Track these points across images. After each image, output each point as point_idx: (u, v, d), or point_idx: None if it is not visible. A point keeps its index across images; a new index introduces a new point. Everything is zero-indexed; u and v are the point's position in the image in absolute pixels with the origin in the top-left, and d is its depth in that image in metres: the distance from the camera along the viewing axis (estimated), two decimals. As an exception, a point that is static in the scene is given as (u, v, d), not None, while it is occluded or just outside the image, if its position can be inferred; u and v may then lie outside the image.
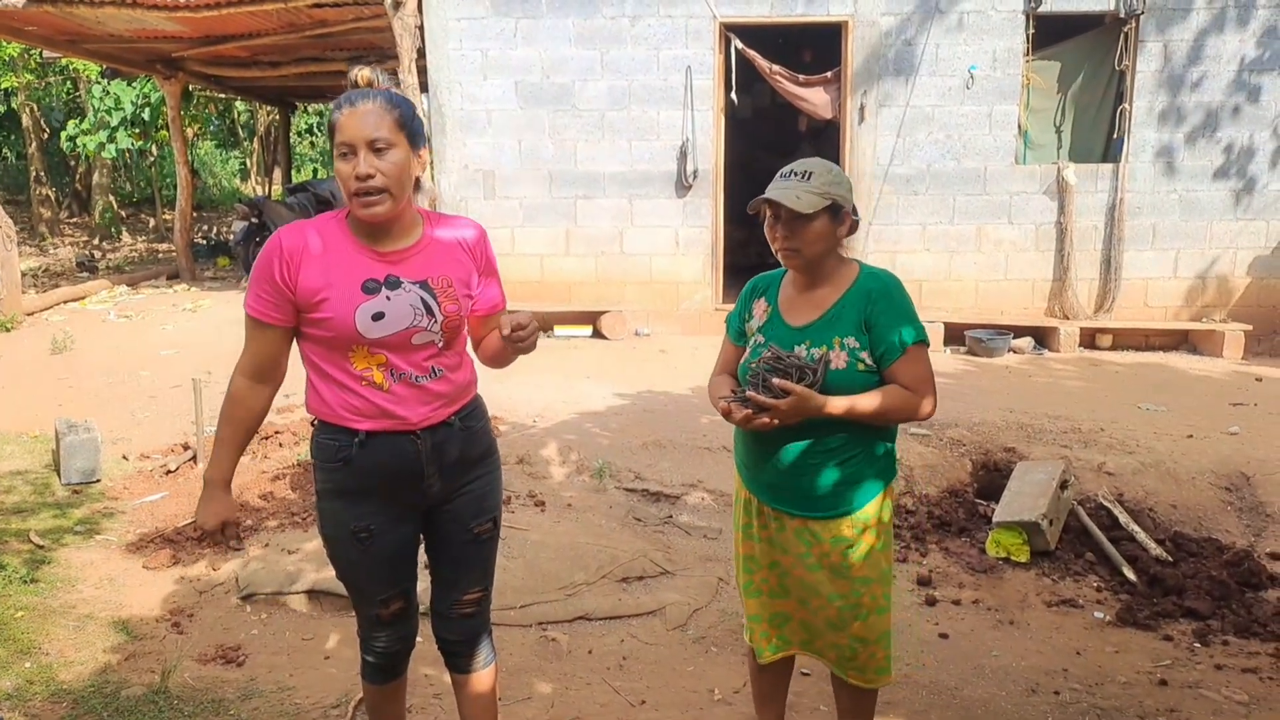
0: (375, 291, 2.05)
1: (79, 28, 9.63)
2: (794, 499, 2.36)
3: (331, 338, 2.07)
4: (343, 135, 1.98)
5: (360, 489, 2.15)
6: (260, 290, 2.08)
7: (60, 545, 4.36)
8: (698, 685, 3.32)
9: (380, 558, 2.21)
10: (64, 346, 7.89)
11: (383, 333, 2.05)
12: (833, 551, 2.34)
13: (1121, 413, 5.98)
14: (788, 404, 2.20)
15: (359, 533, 2.16)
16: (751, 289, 2.54)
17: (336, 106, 2.02)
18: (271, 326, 2.11)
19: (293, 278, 2.05)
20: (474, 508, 2.28)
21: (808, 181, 2.29)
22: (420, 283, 2.09)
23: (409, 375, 2.11)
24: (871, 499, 2.35)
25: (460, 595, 2.34)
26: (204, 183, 22.31)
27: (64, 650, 3.40)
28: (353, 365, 2.09)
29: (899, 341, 2.27)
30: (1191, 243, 8.30)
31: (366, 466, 2.12)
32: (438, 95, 8.35)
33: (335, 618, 3.76)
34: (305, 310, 2.07)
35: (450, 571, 2.33)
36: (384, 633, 2.33)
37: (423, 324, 2.09)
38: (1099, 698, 3.23)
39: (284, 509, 4.57)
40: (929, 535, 4.55)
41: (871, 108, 8.20)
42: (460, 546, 2.30)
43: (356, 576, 2.26)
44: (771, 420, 2.23)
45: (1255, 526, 4.70)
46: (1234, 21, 7.97)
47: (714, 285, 8.54)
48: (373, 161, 1.97)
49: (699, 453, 5.22)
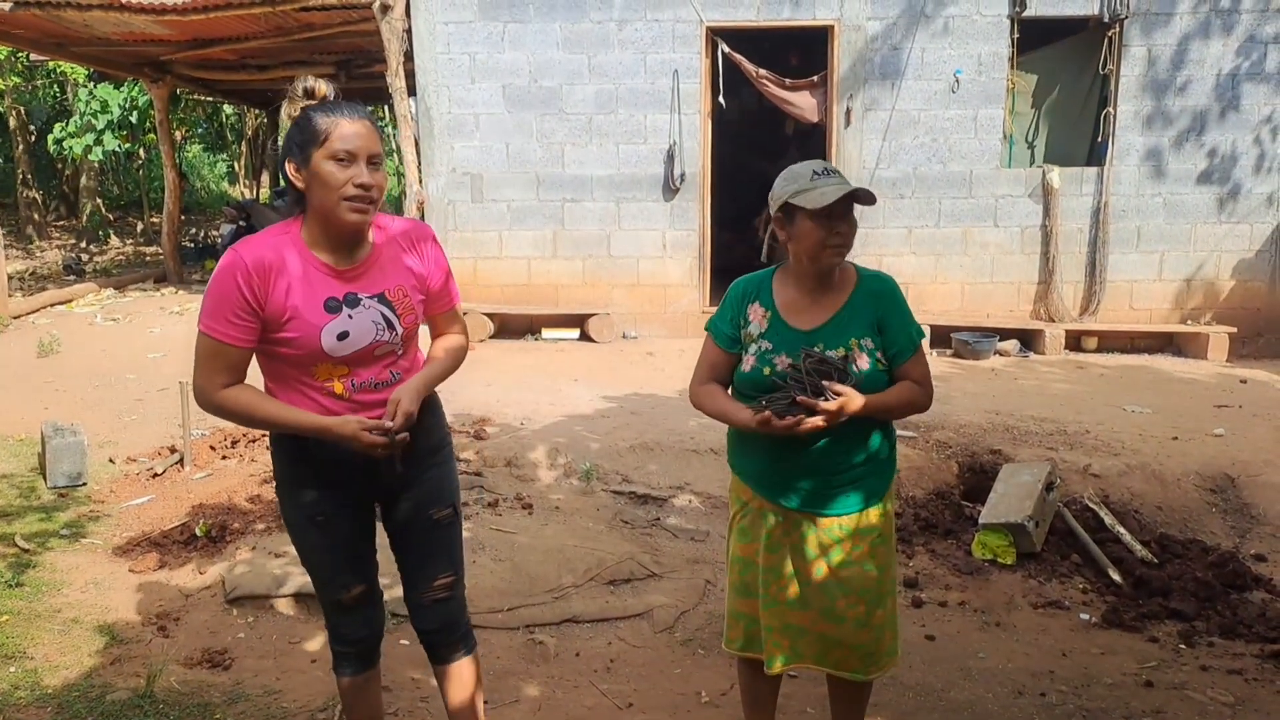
0: (337, 310, 2.09)
1: (66, 31, 9.58)
2: (829, 499, 2.38)
3: (297, 355, 2.10)
4: (345, 144, 2.03)
5: (316, 479, 2.23)
6: (224, 313, 2.04)
7: (46, 549, 4.34)
8: (685, 687, 3.32)
9: (338, 540, 2.28)
10: (51, 349, 7.84)
11: (347, 351, 2.12)
12: (864, 542, 2.40)
13: (1107, 415, 6.01)
14: (839, 405, 2.22)
15: (315, 516, 2.24)
16: (742, 294, 2.48)
17: (326, 111, 2.06)
18: (239, 349, 2.08)
19: (262, 296, 2.05)
20: (433, 496, 2.34)
21: (843, 177, 2.34)
22: (378, 296, 2.15)
23: (369, 383, 2.18)
24: (885, 492, 2.44)
25: (431, 582, 2.38)
26: (191, 186, 22.22)
27: (49, 654, 3.39)
28: (315, 378, 2.14)
29: (910, 341, 2.38)
30: (1176, 245, 8.36)
31: (322, 460, 2.19)
32: (425, 99, 8.35)
33: (322, 621, 3.74)
34: (271, 329, 2.08)
35: (417, 560, 2.39)
36: (348, 619, 2.37)
37: (384, 338, 2.16)
38: (1085, 699, 3.25)
39: (271, 512, 4.55)
40: (916, 537, 4.56)
41: (858, 111, 8.24)
42: (423, 534, 2.36)
43: (318, 561, 2.32)
44: (820, 424, 2.23)
45: (1240, 528, 4.73)
46: (1217, 27, 8.04)
47: (701, 288, 8.56)
48: (371, 174, 2.06)
49: (686, 455, 5.22)
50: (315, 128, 2.05)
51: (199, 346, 2.10)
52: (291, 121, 2.10)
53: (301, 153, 2.05)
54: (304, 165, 2.06)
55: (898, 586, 2.56)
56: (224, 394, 2.12)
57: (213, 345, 2.08)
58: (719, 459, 5.20)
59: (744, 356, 2.43)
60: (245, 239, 2.12)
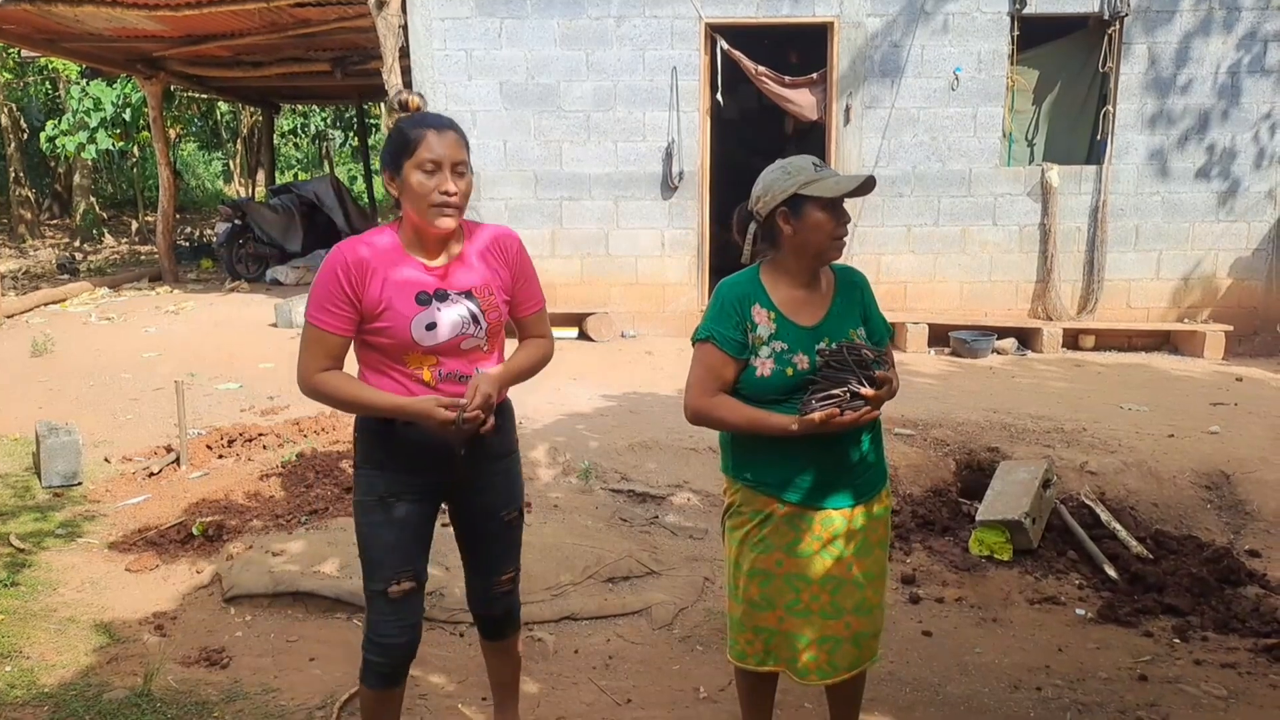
0: (427, 304, 2.27)
1: (58, 26, 9.55)
2: (859, 488, 2.40)
3: (390, 344, 2.28)
4: (431, 153, 2.21)
5: (394, 463, 2.36)
6: (328, 305, 2.25)
7: (41, 548, 4.33)
8: (683, 684, 3.33)
9: (402, 526, 2.37)
10: (45, 349, 7.82)
11: (435, 341, 2.28)
12: (880, 524, 2.46)
13: (1104, 412, 6.03)
14: (889, 391, 2.28)
15: (386, 497, 2.35)
16: (739, 296, 2.37)
17: (414, 124, 2.24)
18: (338, 337, 2.28)
19: (359, 290, 2.25)
20: (503, 498, 2.53)
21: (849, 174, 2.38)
22: (465, 293, 2.32)
23: (455, 374, 2.33)
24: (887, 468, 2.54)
25: (498, 576, 2.58)
26: (187, 184, 22.20)
27: (45, 653, 3.38)
28: (406, 365, 2.31)
29: (887, 329, 2.55)
30: (1174, 244, 8.37)
31: (403, 446, 2.34)
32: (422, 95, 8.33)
33: (320, 620, 3.75)
34: (367, 320, 2.27)
35: (486, 557, 2.57)
36: (389, 617, 2.38)
37: (470, 331, 2.33)
38: (1080, 693, 3.26)
39: (269, 510, 4.55)
40: (913, 534, 4.57)
41: (857, 109, 8.24)
42: (493, 534, 2.54)
43: (376, 544, 2.37)
44: (876, 413, 2.30)
45: (1234, 524, 4.75)
46: (1218, 24, 8.04)
47: (700, 287, 8.55)
48: (455, 181, 2.23)
49: (685, 454, 5.22)
50: (404, 140, 2.23)
51: (304, 334, 2.30)
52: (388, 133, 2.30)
53: (394, 163, 2.25)
54: (396, 175, 2.25)
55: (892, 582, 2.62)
56: (320, 377, 2.29)
57: (315, 333, 2.27)
58: (716, 458, 5.20)
59: (756, 361, 2.34)
60: (350, 239, 2.32)
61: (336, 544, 4.14)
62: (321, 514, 4.48)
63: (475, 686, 3.21)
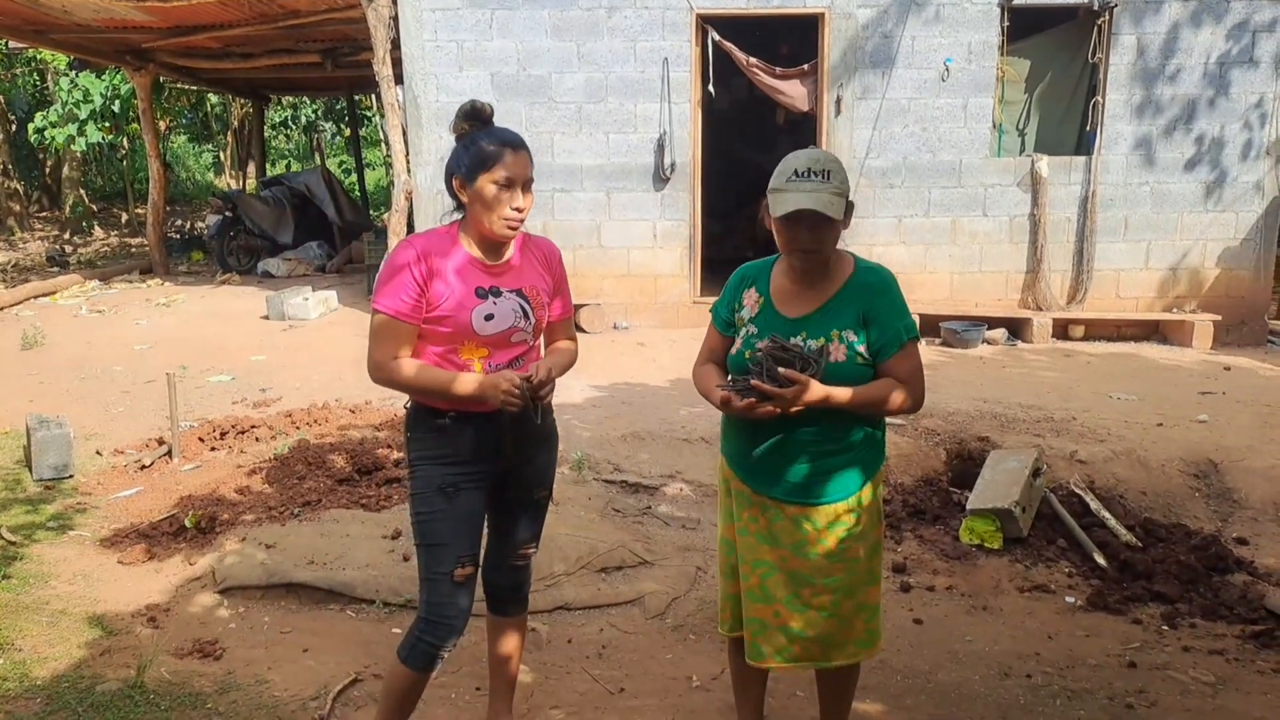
0: (484, 297, 2.44)
1: (45, 17, 9.48)
2: (799, 488, 2.38)
3: (449, 333, 2.43)
4: (509, 171, 2.38)
5: (449, 454, 2.49)
6: (400, 292, 2.38)
7: (32, 541, 4.32)
8: (676, 673, 3.35)
9: (461, 513, 2.50)
10: (35, 342, 7.80)
11: (492, 331, 2.44)
12: (828, 536, 2.38)
13: (1093, 402, 6.06)
14: (792, 393, 2.23)
15: (445, 487, 2.48)
16: (740, 278, 2.54)
17: (492, 139, 2.39)
18: (409, 325, 2.41)
19: (427, 279, 2.40)
20: (541, 477, 2.69)
21: (829, 182, 2.27)
22: (517, 291, 2.49)
23: (503, 366, 2.48)
24: (864, 484, 2.41)
25: (519, 549, 2.72)
26: (177, 176, 22.07)
27: (38, 646, 3.37)
28: (460, 355, 2.45)
29: (897, 337, 2.34)
30: (1162, 234, 8.41)
31: (456, 436, 2.47)
32: (413, 87, 8.31)
33: (314, 611, 3.75)
34: (430, 308, 2.41)
35: (511, 528, 2.70)
36: (452, 600, 2.51)
37: (520, 325, 2.49)
38: (1070, 680, 3.29)
39: (261, 503, 4.55)
40: (904, 523, 4.59)
41: (848, 100, 8.24)
42: (523, 508, 2.69)
43: (439, 531, 2.49)
44: (774, 409, 2.26)
45: (1222, 512, 4.79)
46: (1207, 14, 8.06)
47: (692, 278, 8.56)
48: (525, 198, 2.42)
49: (677, 444, 5.24)
50: (484, 154, 2.38)
51: (376, 325, 2.42)
52: (457, 136, 2.44)
53: (469, 173, 2.40)
54: (469, 183, 2.40)
55: (882, 576, 2.54)
56: (395, 364, 2.42)
57: (389, 322, 2.40)
58: (710, 448, 5.22)
59: (737, 339, 2.48)
60: (414, 236, 2.50)
61: (329, 535, 4.15)
62: (314, 505, 4.48)
63: (469, 677, 3.23)
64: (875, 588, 2.49)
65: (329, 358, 7.28)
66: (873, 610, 2.49)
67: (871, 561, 2.47)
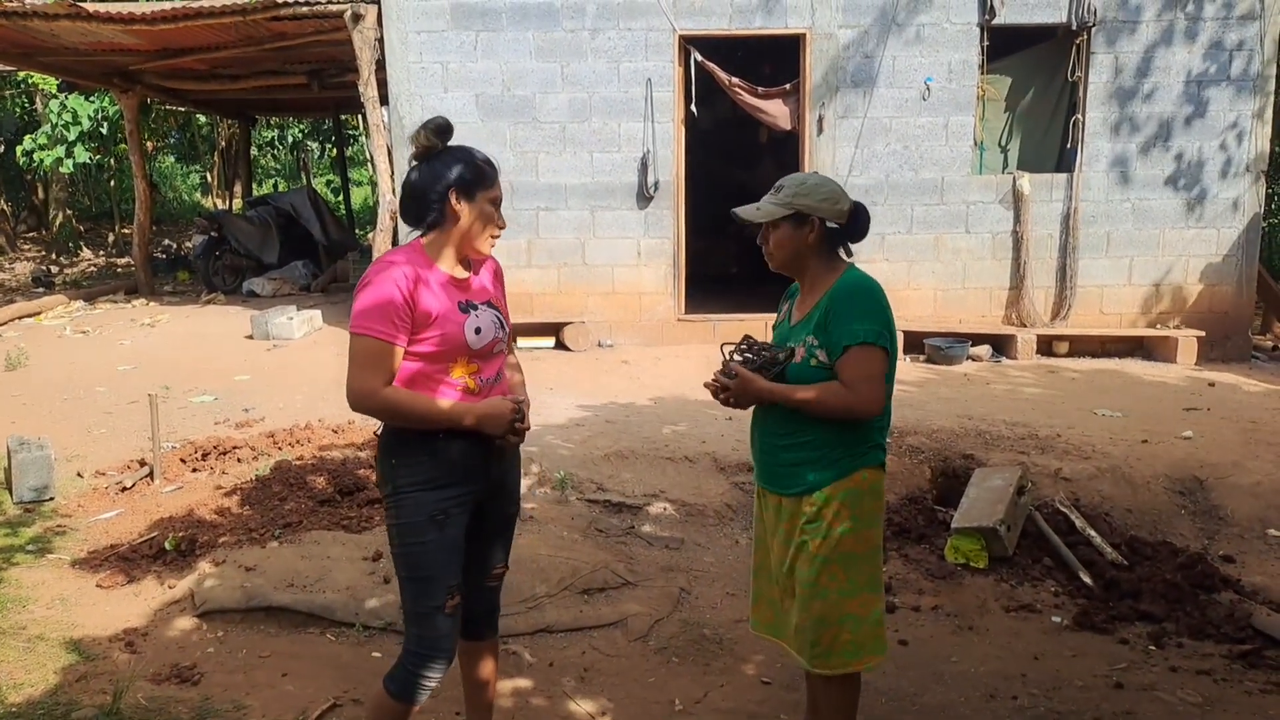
0: (467, 311, 2.42)
1: (33, 40, 9.47)
2: (771, 476, 2.60)
3: (440, 351, 2.37)
4: (499, 193, 2.48)
5: (441, 477, 2.41)
6: (389, 315, 2.30)
7: (11, 564, 4.27)
8: (659, 696, 3.32)
9: (450, 542, 2.44)
10: (18, 363, 7.74)
11: (481, 343, 2.43)
12: (795, 528, 2.53)
13: (1078, 419, 6.07)
14: (735, 385, 2.51)
15: (436, 515, 2.40)
16: (789, 292, 2.77)
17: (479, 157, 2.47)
18: (399, 348, 2.34)
19: (414, 300, 2.34)
20: (512, 494, 2.67)
21: (777, 194, 2.56)
22: (487, 303, 2.50)
23: (490, 379, 2.48)
24: (830, 482, 2.48)
25: (491, 570, 2.66)
26: (164, 197, 22.02)
27: (13, 672, 3.33)
28: (451, 375, 2.40)
29: (840, 340, 2.45)
30: (1145, 251, 8.46)
31: (447, 458, 2.40)
32: (398, 107, 8.32)
33: (293, 635, 3.71)
34: (416, 329, 2.35)
35: (486, 550, 2.64)
36: (445, 633, 2.45)
37: (500, 335, 2.50)
38: (1056, 702, 3.27)
39: (241, 524, 4.51)
40: (889, 542, 4.57)
41: (830, 119, 8.29)
42: (496, 529, 2.64)
43: (431, 563, 2.42)
44: (727, 398, 2.53)
45: (1208, 530, 4.79)
46: (1182, 35, 8.15)
47: (676, 296, 8.56)
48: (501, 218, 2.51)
49: (661, 463, 5.22)
50: (485, 175, 2.44)
51: (360, 350, 2.32)
52: (421, 149, 2.41)
53: (469, 190, 2.40)
54: (468, 200, 2.40)
55: (872, 591, 2.52)
56: (388, 392, 2.33)
57: (378, 346, 2.31)
58: (693, 467, 5.21)
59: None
60: (387, 254, 2.44)
61: (310, 557, 4.11)
62: (295, 527, 4.44)
63: (447, 701, 3.19)
64: (855, 600, 2.48)
65: (313, 378, 7.24)
66: (858, 621, 2.49)
67: (849, 571, 2.48)
